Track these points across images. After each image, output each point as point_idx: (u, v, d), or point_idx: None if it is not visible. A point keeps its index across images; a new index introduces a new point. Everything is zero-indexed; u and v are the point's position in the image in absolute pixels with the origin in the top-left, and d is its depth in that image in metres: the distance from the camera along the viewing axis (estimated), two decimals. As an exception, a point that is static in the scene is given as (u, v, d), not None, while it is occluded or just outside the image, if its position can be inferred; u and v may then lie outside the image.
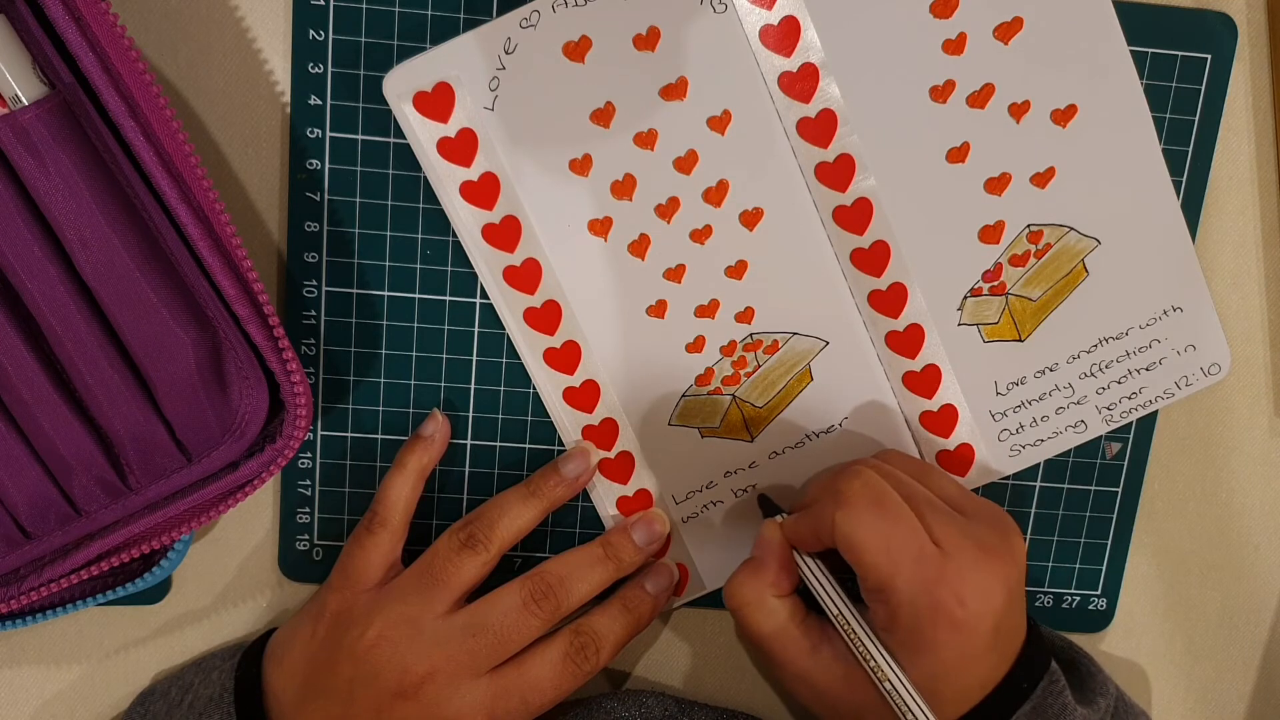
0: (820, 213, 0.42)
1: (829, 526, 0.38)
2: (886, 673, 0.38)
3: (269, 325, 0.37)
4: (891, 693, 0.37)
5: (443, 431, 0.43)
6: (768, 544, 0.41)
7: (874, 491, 0.39)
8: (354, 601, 0.41)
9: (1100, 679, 0.43)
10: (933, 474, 0.42)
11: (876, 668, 0.38)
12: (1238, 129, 0.45)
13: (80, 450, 0.38)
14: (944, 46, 0.41)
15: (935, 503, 0.39)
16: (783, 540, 0.41)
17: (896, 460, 0.42)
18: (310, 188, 0.41)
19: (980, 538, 0.39)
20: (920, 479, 0.41)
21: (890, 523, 0.38)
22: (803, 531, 0.40)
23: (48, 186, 0.35)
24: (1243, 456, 0.48)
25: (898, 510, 0.38)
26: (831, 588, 0.40)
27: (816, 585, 0.40)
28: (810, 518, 0.40)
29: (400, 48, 0.40)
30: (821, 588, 0.40)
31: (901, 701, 0.37)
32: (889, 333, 0.44)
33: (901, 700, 0.37)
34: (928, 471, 0.42)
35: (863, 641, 0.38)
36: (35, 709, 0.45)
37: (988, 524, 0.39)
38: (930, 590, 0.37)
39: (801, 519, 0.40)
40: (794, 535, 0.41)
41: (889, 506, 0.38)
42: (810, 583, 0.40)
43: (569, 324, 0.42)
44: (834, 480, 0.40)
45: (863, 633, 0.38)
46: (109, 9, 0.34)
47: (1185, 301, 0.44)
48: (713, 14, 0.40)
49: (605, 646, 0.42)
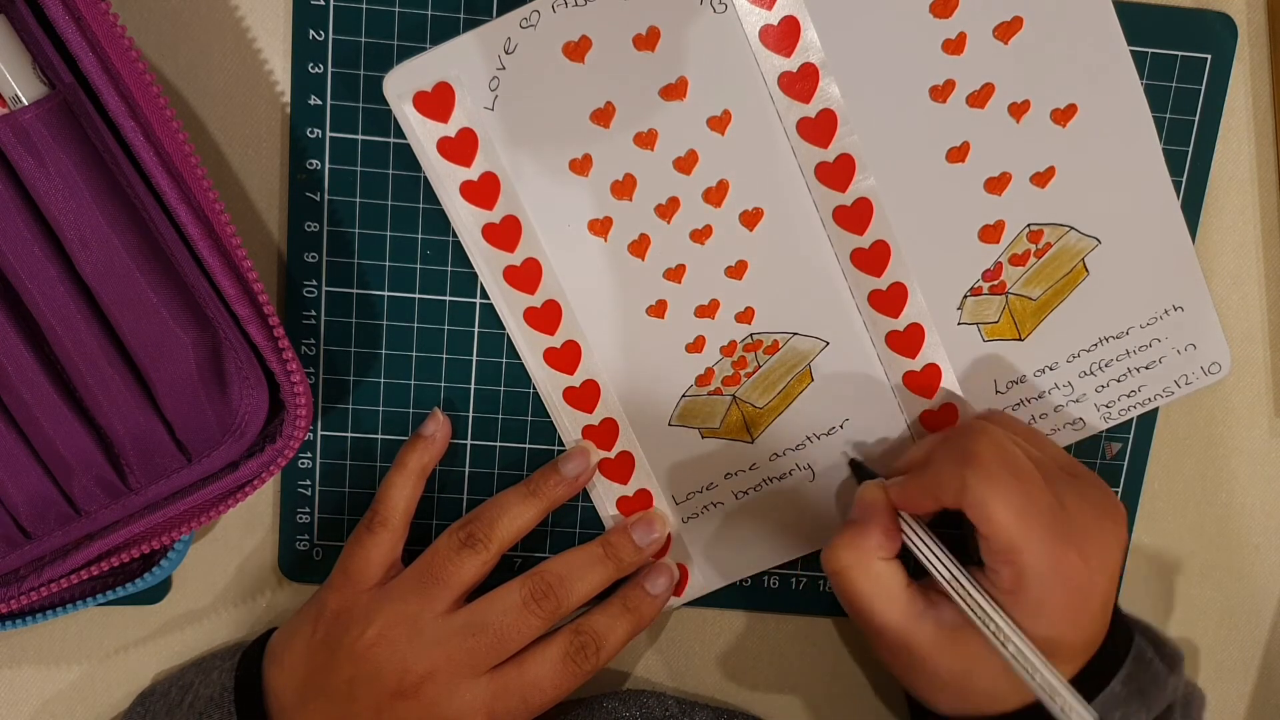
0: (820, 213, 0.42)
1: (955, 487, 0.38)
2: (1009, 635, 0.37)
3: (269, 325, 0.37)
4: (1016, 655, 0.37)
5: (443, 431, 0.43)
6: (871, 506, 0.40)
7: (1005, 451, 0.38)
8: (354, 601, 0.41)
9: (1171, 646, 0.42)
10: (1042, 438, 0.42)
11: (998, 630, 0.37)
12: (1238, 129, 0.45)
13: (80, 450, 0.38)
14: (944, 46, 0.41)
15: (1048, 464, 0.39)
16: (888, 502, 0.40)
17: (1007, 423, 0.42)
18: (310, 188, 0.41)
19: (1093, 498, 0.39)
20: (1030, 442, 0.41)
21: (1019, 481, 0.37)
22: (917, 493, 0.39)
23: (48, 186, 0.35)
24: (1243, 456, 0.48)
25: (1025, 469, 0.38)
26: (941, 550, 0.39)
27: (925, 548, 0.39)
28: (929, 478, 0.39)
29: (400, 48, 0.40)
30: (930, 550, 0.39)
31: (1028, 663, 0.37)
32: (889, 333, 0.44)
33: (1027, 662, 0.37)
34: (1036, 435, 0.42)
35: (979, 604, 0.38)
36: (35, 709, 0.45)
37: (1097, 488, 0.40)
38: (1057, 550, 0.37)
39: (915, 480, 0.39)
40: (905, 498, 0.40)
41: (1021, 466, 0.38)
42: (918, 546, 0.39)
43: (569, 324, 0.42)
44: (961, 440, 0.39)
45: (979, 595, 0.38)
46: (109, 9, 0.34)
47: (1185, 301, 0.44)
48: (713, 14, 0.40)
49: (605, 646, 0.42)
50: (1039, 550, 0.37)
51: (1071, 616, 0.38)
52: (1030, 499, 0.37)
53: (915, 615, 0.39)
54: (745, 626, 0.48)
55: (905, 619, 0.39)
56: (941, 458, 0.39)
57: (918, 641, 0.39)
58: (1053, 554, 0.37)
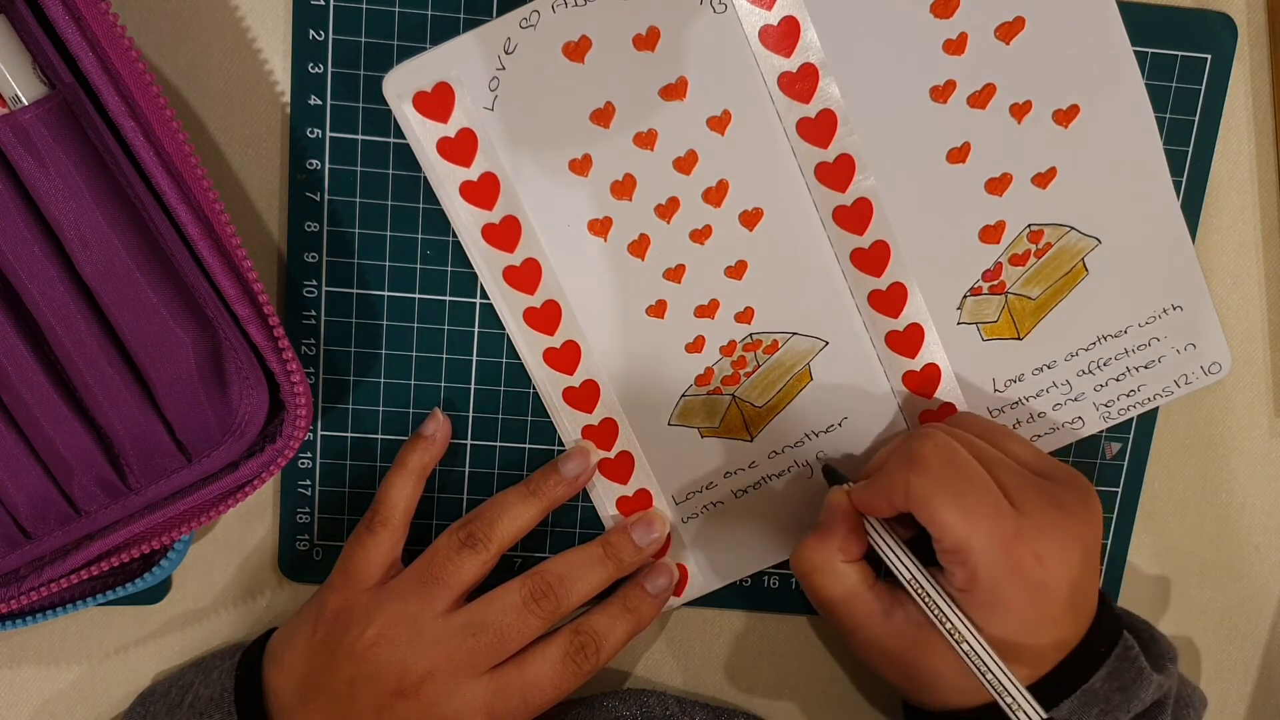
0: (820, 213, 0.42)
1: (902, 489, 0.38)
2: (964, 634, 0.37)
3: (269, 325, 0.37)
4: (969, 654, 0.37)
5: (443, 431, 0.43)
6: (835, 510, 0.41)
7: (946, 452, 0.38)
8: (354, 601, 0.41)
9: (1164, 644, 0.43)
10: (1007, 437, 0.42)
11: (953, 629, 0.38)
12: (1238, 129, 0.45)
13: (80, 450, 0.38)
14: (945, 46, 0.41)
15: (1007, 463, 0.39)
16: (850, 506, 0.41)
17: (970, 423, 0.42)
18: (310, 188, 0.41)
19: (1057, 497, 0.38)
20: (994, 442, 0.41)
21: (964, 481, 0.38)
22: (872, 497, 0.40)
23: (48, 186, 0.35)
24: (1243, 456, 0.48)
25: (970, 469, 0.38)
26: (902, 551, 0.40)
27: (886, 549, 0.40)
28: (881, 482, 0.40)
29: (400, 48, 0.40)
30: (891, 551, 0.40)
31: (980, 662, 0.37)
32: (889, 332, 0.44)
33: (980, 661, 0.37)
34: (1002, 434, 0.42)
35: (937, 603, 0.38)
36: (35, 709, 0.45)
37: (1064, 485, 0.39)
38: (1008, 548, 0.37)
39: (871, 484, 0.40)
40: (863, 501, 0.40)
41: (961, 466, 0.38)
42: (880, 546, 0.40)
43: (569, 324, 0.42)
44: (905, 443, 0.40)
45: (936, 595, 0.38)
46: (109, 9, 0.34)
47: (1185, 300, 0.44)
48: (712, 14, 0.40)
49: (605, 646, 0.42)
50: (988, 549, 0.37)
51: (1030, 615, 0.38)
52: (977, 499, 0.37)
53: (880, 614, 0.40)
54: (745, 626, 0.48)
55: (870, 618, 0.40)
56: (891, 463, 0.40)
57: (887, 640, 0.40)
58: (1003, 553, 0.37)
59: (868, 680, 0.49)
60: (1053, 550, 0.37)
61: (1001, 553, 0.37)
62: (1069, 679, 0.38)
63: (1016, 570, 0.37)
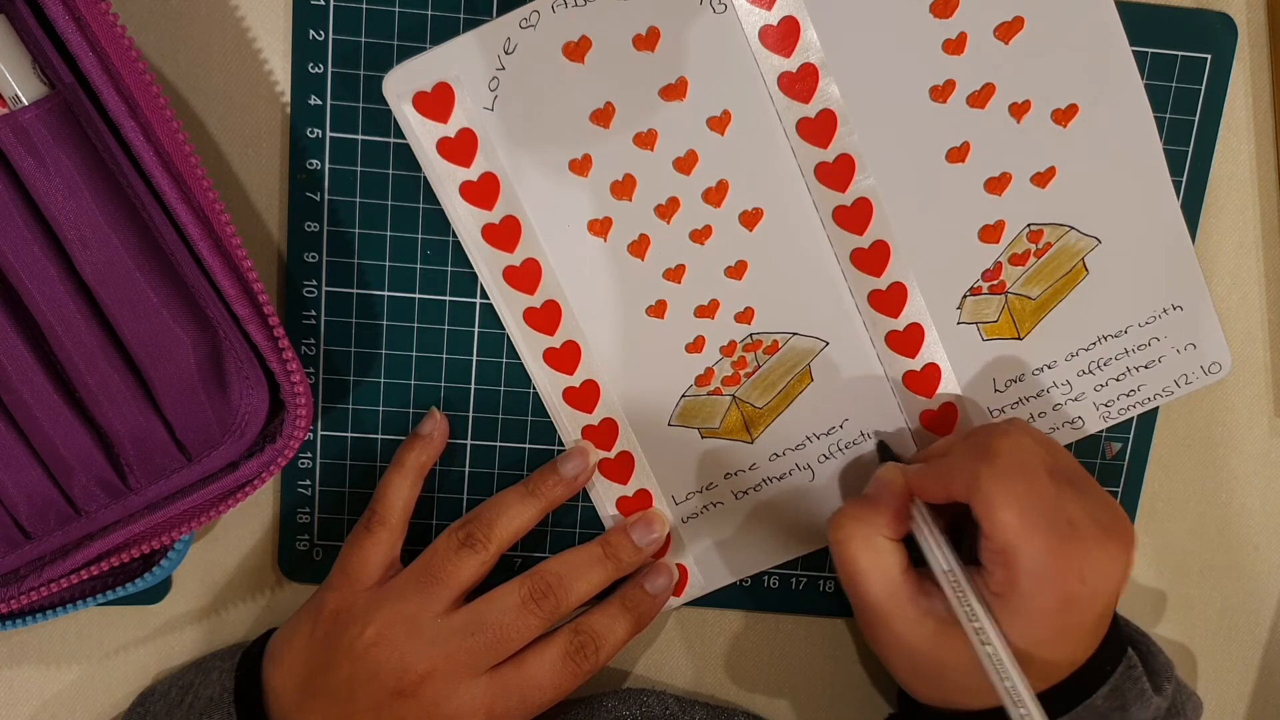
0: (820, 213, 0.42)
1: (965, 479, 0.38)
2: (990, 635, 0.37)
3: (269, 325, 0.37)
4: (991, 656, 0.37)
5: (441, 430, 0.43)
6: (887, 485, 0.41)
7: (1023, 455, 0.38)
8: (353, 601, 0.41)
9: (1162, 659, 0.42)
10: (1059, 449, 0.41)
11: (980, 629, 0.37)
12: (1238, 129, 0.45)
13: (80, 450, 0.38)
14: (944, 46, 0.41)
15: (1066, 477, 0.39)
16: (903, 484, 0.40)
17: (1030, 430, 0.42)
18: (310, 188, 0.41)
19: (1101, 518, 0.38)
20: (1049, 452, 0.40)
21: (1029, 485, 0.37)
22: (930, 481, 0.40)
23: (48, 186, 0.35)
24: (1243, 456, 0.48)
25: (1038, 476, 0.38)
26: (945, 541, 0.39)
27: (928, 536, 0.39)
28: (944, 467, 0.39)
29: (400, 48, 0.40)
30: (934, 539, 0.39)
31: (1001, 666, 0.37)
32: (889, 332, 0.44)
33: (1000, 665, 0.37)
34: (1055, 446, 0.41)
35: (969, 600, 0.38)
36: (35, 709, 0.45)
37: (1106, 506, 0.39)
38: (1055, 562, 0.37)
39: (932, 468, 0.40)
40: (919, 483, 0.40)
41: (1032, 470, 0.38)
42: (922, 532, 0.40)
43: (569, 324, 0.42)
44: (984, 435, 0.39)
45: (971, 593, 0.38)
46: (109, 9, 0.34)
47: (1185, 300, 0.44)
48: (712, 14, 0.40)
49: (604, 646, 0.42)
50: (1036, 557, 0.37)
51: (1055, 629, 0.37)
52: (1038, 506, 0.37)
53: (905, 599, 0.39)
54: (745, 626, 0.48)
55: (893, 599, 0.39)
56: (961, 449, 0.40)
57: (903, 626, 0.39)
58: (1050, 564, 0.37)
59: (867, 681, 0.49)
60: (1096, 570, 0.37)
61: (1048, 564, 0.37)
62: (1072, 694, 0.38)
63: (1059, 584, 0.37)
